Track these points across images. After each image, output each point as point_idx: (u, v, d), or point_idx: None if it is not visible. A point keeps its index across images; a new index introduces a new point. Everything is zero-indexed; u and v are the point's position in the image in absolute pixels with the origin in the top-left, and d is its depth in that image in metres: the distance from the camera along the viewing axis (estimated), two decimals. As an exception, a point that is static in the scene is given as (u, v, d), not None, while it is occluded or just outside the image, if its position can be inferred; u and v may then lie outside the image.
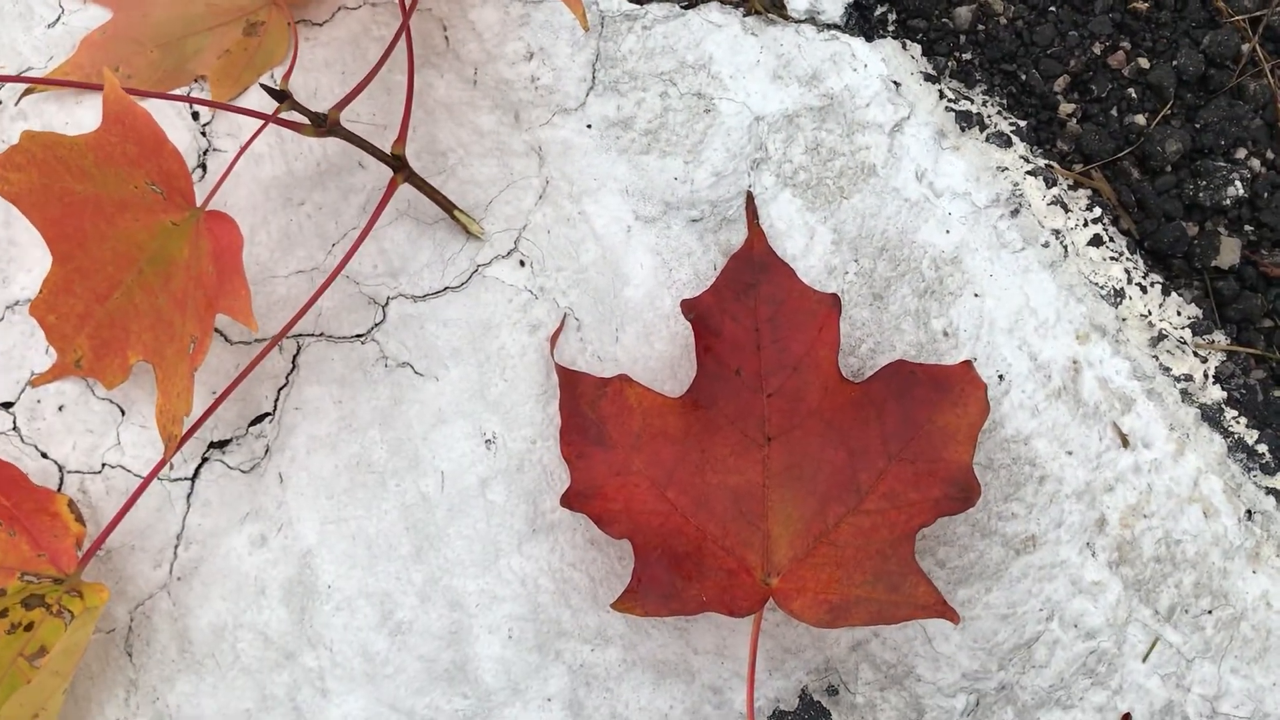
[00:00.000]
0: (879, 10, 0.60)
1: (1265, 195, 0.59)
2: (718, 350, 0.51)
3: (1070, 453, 0.54)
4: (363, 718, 0.52)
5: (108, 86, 0.47)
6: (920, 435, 0.49)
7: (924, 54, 0.60)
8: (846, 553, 0.49)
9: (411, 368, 0.55)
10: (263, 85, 0.50)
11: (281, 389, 0.55)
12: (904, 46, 0.59)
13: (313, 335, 0.55)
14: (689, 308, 0.52)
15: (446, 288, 0.55)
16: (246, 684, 0.52)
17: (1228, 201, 0.58)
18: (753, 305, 0.52)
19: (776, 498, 0.50)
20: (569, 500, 0.50)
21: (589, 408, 0.51)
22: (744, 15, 0.58)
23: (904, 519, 0.48)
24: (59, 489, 0.54)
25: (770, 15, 0.58)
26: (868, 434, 0.50)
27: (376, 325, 0.55)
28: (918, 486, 0.49)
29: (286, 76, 0.51)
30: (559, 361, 0.54)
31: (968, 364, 0.50)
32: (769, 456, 0.50)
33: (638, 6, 0.58)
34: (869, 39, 0.58)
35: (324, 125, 0.51)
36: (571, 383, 0.52)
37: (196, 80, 0.58)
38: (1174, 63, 0.60)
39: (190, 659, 0.53)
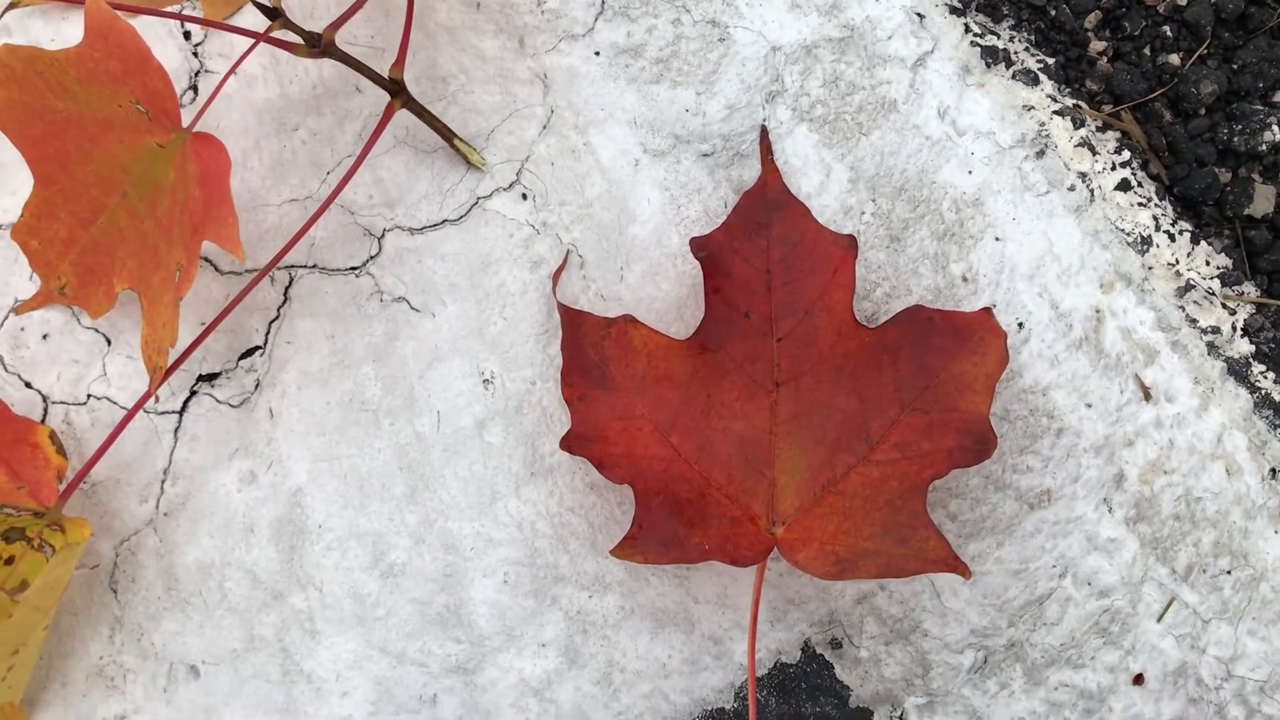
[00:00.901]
0: (904, -63, 0.57)
1: (1303, 141, 0.56)
2: (727, 291, 0.49)
3: (1090, 405, 0.52)
4: (352, 660, 0.51)
5: (90, -2, 0.44)
6: (935, 384, 0.47)
7: (950, -15, 0.57)
8: (855, 503, 0.47)
9: (408, 303, 0.53)
10: (255, 2, 0.48)
11: (272, 322, 0.53)
12: (929, -23, 0.56)
13: (305, 267, 0.53)
14: (698, 246, 0.50)
15: (445, 220, 0.53)
16: (234, 623, 0.51)
17: (1264, 147, 0.56)
18: (765, 245, 0.50)
19: (784, 445, 0.48)
20: (569, 443, 0.48)
21: (592, 348, 0.49)
22: (762, -61, 0.55)
23: (916, 470, 0.47)
24: (43, 420, 0.52)
25: (790, -60, 0.55)
26: (881, 381, 0.48)
27: (372, 258, 0.53)
28: (931, 437, 0.47)
29: (280, -7, 0.49)
30: (561, 300, 0.52)
31: (987, 311, 0.48)
32: (777, 403, 0.48)
33: (651, -72, 0.55)
34: (893, -33, 0.55)
35: (318, 46, 0.49)
36: (574, 322, 0.50)
37: (188, -3, 0.55)
38: None
39: (176, 597, 0.51)
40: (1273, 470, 0.51)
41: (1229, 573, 0.51)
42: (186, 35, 0.55)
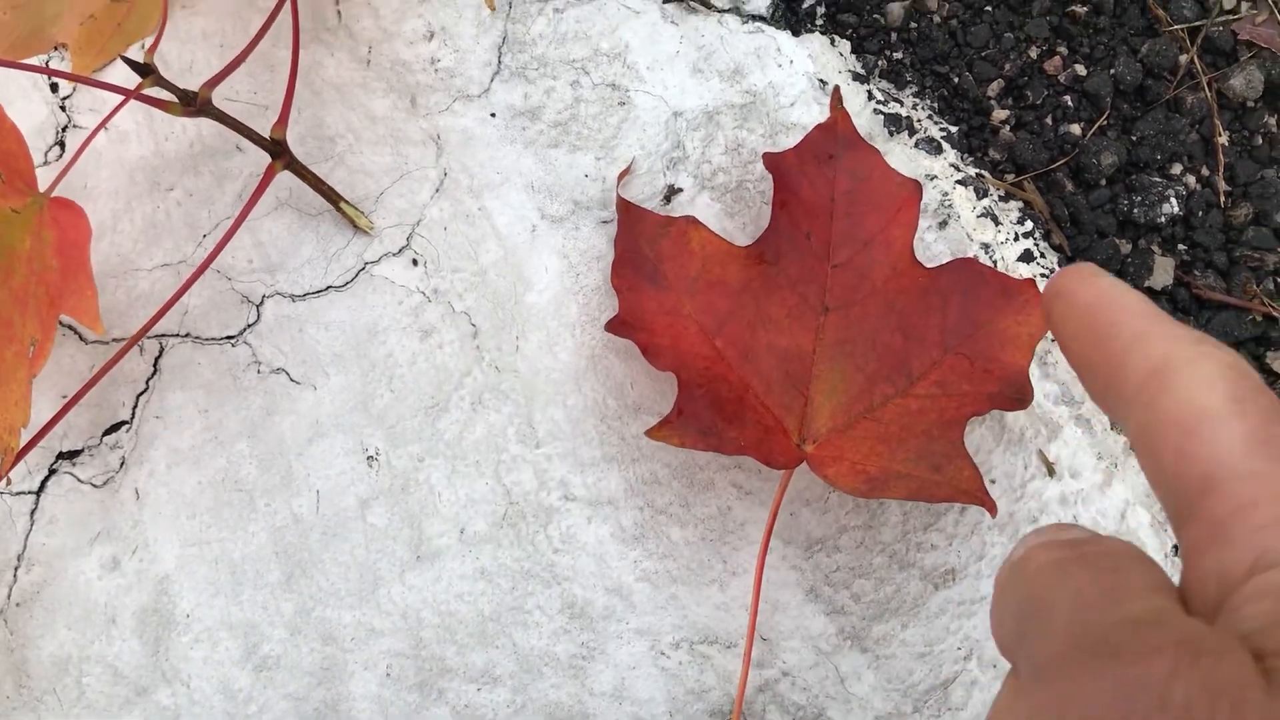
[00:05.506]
0: (807, 3, 0.56)
1: (1200, 214, 0.56)
2: (793, 208, 0.49)
3: (993, 481, 0.51)
4: (223, 761, 0.47)
5: (-66, 52, 0.41)
6: (980, 334, 0.48)
7: (853, 51, 0.56)
8: (891, 429, 0.47)
9: (287, 374, 0.50)
10: (124, 59, 0.45)
11: (141, 395, 0.49)
12: (832, 42, 0.55)
13: (177, 336, 0.50)
14: (770, 161, 0.50)
15: (329, 287, 0.50)
16: (93, 722, 0.47)
17: (1162, 219, 0.56)
18: (832, 175, 0.50)
19: (824, 368, 0.48)
20: (616, 326, 0.48)
21: (648, 245, 0.49)
22: (664, 2, 0.54)
23: (955, 406, 0.47)
24: (-117, 501, 0.48)
25: (692, 3, 0.54)
26: (928, 323, 0.48)
27: (249, 326, 0.50)
28: (972, 380, 0.47)
29: (152, 48, 0.46)
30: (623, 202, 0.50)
31: (1031, 281, 0.48)
32: (824, 326, 0.48)
33: (549, -13, 0.53)
34: (796, 33, 0.54)
35: (193, 104, 0.46)
36: (633, 218, 0.49)
37: (56, 48, 0.52)
38: (1111, 71, 0.58)
39: (28, 695, 0.47)
40: (1174, 547, 0.51)
41: (1133, 653, 0.50)
42: (54, 88, 0.52)
